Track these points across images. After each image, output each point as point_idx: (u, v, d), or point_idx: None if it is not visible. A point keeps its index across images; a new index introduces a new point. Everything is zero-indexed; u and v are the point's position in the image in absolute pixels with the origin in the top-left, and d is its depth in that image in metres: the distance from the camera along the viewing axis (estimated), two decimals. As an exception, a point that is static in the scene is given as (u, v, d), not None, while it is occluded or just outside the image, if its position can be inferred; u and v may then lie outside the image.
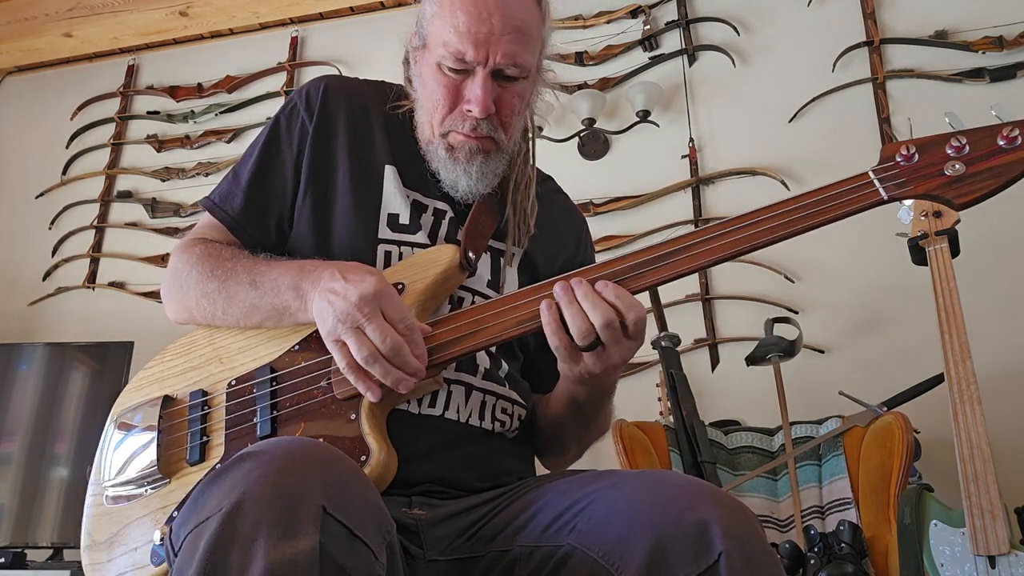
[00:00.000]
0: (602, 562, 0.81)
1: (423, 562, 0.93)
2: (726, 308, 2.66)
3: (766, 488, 2.04)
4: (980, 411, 1.59)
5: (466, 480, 1.03)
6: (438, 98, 1.08)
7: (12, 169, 3.66)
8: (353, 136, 1.15)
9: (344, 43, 3.36)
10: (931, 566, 1.53)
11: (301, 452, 0.75)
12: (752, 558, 0.77)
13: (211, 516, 0.70)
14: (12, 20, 3.48)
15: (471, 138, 1.08)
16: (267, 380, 1.00)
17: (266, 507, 0.69)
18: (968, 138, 0.90)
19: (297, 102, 1.17)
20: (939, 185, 0.89)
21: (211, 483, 0.74)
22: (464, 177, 1.10)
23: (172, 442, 1.01)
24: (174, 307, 1.13)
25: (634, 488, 0.86)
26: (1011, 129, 0.88)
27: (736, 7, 2.96)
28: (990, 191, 0.88)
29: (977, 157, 0.89)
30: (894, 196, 0.91)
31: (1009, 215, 2.42)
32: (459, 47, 1.03)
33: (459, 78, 1.06)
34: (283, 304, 1.00)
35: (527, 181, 1.19)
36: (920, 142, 0.92)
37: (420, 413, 1.02)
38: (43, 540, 2.55)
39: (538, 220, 1.20)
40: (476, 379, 1.07)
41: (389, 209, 1.10)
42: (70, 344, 2.88)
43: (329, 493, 0.71)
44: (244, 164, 1.16)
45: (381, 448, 0.91)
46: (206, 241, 1.13)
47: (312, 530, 0.68)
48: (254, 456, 0.74)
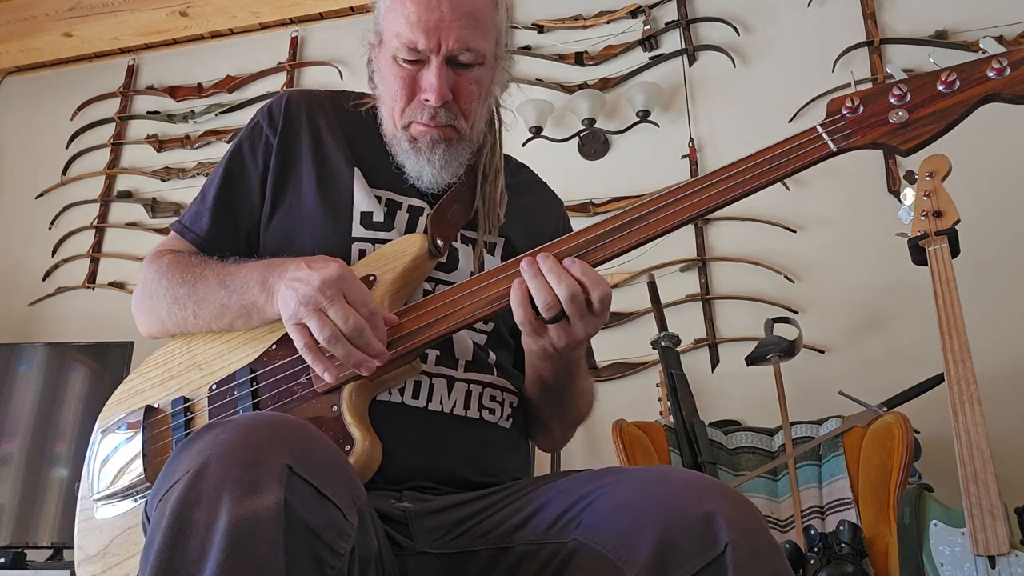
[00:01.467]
0: (609, 556, 0.81)
1: (412, 554, 0.93)
2: (726, 308, 2.66)
3: (766, 488, 2.04)
4: (980, 411, 1.58)
5: (458, 472, 1.03)
6: (396, 90, 1.10)
7: (12, 169, 3.66)
8: (316, 144, 1.16)
9: (344, 43, 3.36)
10: (931, 566, 1.53)
11: (271, 418, 0.77)
12: (758, 550, 0.78)
13: (179, 480, 0.71)
14: (12, 20, 3.49)
15: (430, 127, 1.09)
16: (247, 380, 1.00)
17: (230, 466, 0.69)
18: (909, 86, 0.93)
19: (260, 119, 1.19)
20: (885, 133, 0.92)
21: (180, 451, 0.75)
22: (428, 167, 1.11)
23: (157, 450, 1.02)
24: (145, 319, 1.14)
25: (639, 483, 0.86)
26: (949, 74, 0.91)
27: (736, 7, 2.96)
28: (934, 134, 0.91)
29: (919, 103, 0.92)
30: (843, 147, 0.93)
31: (1009, 215, 2.42)
32: (411, 37, 1.05)
33: (414, 68, 1.08)
34: (251, 300, 1.01)
35: (495, 170, 1.20)
36: (863, 94, 0.95)
37: (403, 403, 1.03)
38: (43, 540, 2.56)
39: (518, 208, 1.21)
40: (458, 372, 1.07)
41: (361, 208, 1.11)
42: (70, 344, 2.88)
43: (296, 453, 0.72)
44: (210, 184, 1.18)
45: (365, 437, 0.92)
46: (173, 251, 1.14)
47: (276, 487, 0.69)
48: (223, 424, 0.76)
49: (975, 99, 0.90)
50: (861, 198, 2.57)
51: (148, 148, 3.49)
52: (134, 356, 2.72)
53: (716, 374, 2.59)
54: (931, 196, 1.86)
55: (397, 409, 1.02)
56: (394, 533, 0.93)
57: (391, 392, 1.02)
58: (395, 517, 0.95)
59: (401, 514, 0.95)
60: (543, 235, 1.20)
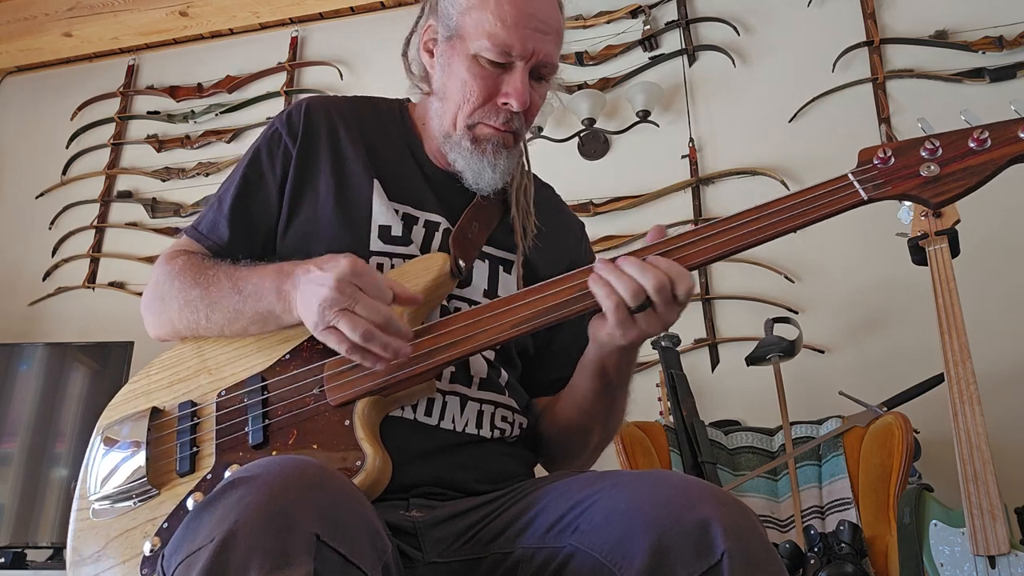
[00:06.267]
0: (604, 562, 0.81)
1: (422, 564, 0.93)
2: (726, 308, 2.66)
3: (766, 488, 2.04)
4: (980, 411, 1.59)
5: (465, 482, 1.03)
6: (472, 89, 1.08)
7: (12, 169, 3.66)
8: (336, 154, 1.14)
9: (344, 43, 3.36)
10: (931, 566, 1.54)
11: (295, 474, 0.74)
12: (754, 557, 0.77)
13: (203, 546, 0.69)
14: (12, 20, 3.48)
15: (501, 131, 1.09)
16: (258, 389, 0.99)
17: (258, 536, 0.68)
18: (941, 141, 0.94)
19: (279, 127, 1.17)
20: (916, 185, 0.93)
21: (204, 509, 0.74)
22: (489, 170, 1.10)
23: (161, 454, 1.00)
24: (155, 321, 1.12)
25: (635, 488, 0.85)
26: (980, 132, 0.93)
27: (736, 7, 2.96)
28: (964, 190, 0.92)
29: (950, 159, 0.93)
30: (873, 197, 0.95)
31: (1009, 216, 2.42)
32: (506, 40, 1.05)
33: (496, 71, 1.07)
34: (267, 308, 0.99)
35: (526, 183, 1.20)
36: (895, 145, 0.96)
37: (416, 419, 1.02)
38: (43, 540, 2.56)
39: (540, 226, 1.20)
40: (471, 390, 1.07)
41: (380, 222, 1.10)
42: (70, 344, 2.88)
43: (323, 519, 0.71)
44: (227, 191, 1.16)
45: (376, 454, 0.91)
46: (188, 253, 1.12)
47: (305, 559, 0.68)
48: (247, 481, 0.73)
49: (1006, 159, 0.91)
50: (861, 198, 2.57)
51: (148, 148, 3.49)
52: (134, 356, 2.71)
53: (716, 374, 2.59)
54: (931, 196, 1.85)
55: (409, 426, 1.01)
56: (404, 546, 0.92)
57: (403, 409, 1.01)
58: (404, 528, 0.94)
59: (410, 525, 0.95)
60: (566, 253, 1.21)
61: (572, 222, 1.31)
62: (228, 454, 0.96)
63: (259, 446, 0.95)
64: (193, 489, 0.95)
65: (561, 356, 1.19)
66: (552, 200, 1.31)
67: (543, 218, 1.22)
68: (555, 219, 1.26)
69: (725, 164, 2.79)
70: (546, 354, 1.20)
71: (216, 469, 0.96)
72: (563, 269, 0.99)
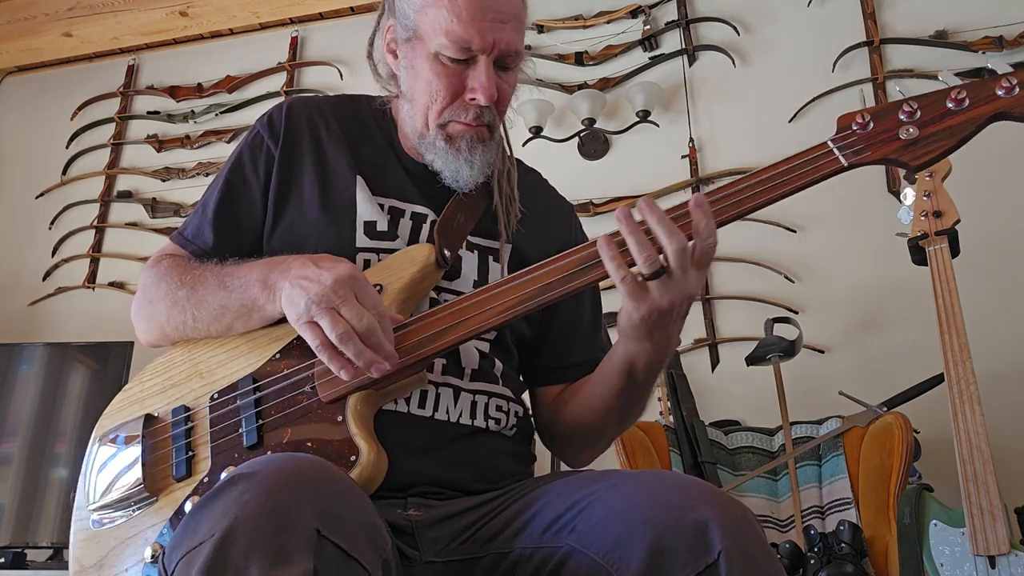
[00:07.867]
0: (602, 562, 0.81)
1: (420, 564, 0.93)
2: (726, 308, 2.66)
3: (766, 488, 2.04)
4: (980, 411, 1.59)
5: (463, 480, 1.02)
6: (437, 89, 1.07)
7: (12, 169, 3.66)
8: (318, 153, 1.14)
9: (344, 43, 3.36)
10: (931, 566, 1.53)
11: (294, 471, 0.74)
12: (752, 557, 0.77)
13: (203, 542, 0.69)
14: (12, 20, 3.48)
15: (472, 127, 1.08)
16: (250, 390, 0.99)
17: (258, 533, 0.68)
18: (919, 103, 0.93)
19: (260, 129, 1.17)
20: (895, 149, 0.92)
21: (204, 506, 0.74)
22: (467, 167, 1.10)
23: (157, 459, 1.00)
24: (144, 326, 1.11)
25: (633, 488, 0.85)
26: (958, 92, 0.92)
27: (736, 7, 2.96)
28: (945, 150, 0.91)
29: (929, 120, 0.92)
30: (854, 163, 0.93)
31: (1009, 215, 2.42)
32: (463, 36, 1.03)
33: (459, 68, 1.06)
34: (251, 298, 0.99)
35: (509, 170, 1.19)
36: (873, 110, 0.95)
37: (409, 412, 1.01)
38: (43, 540, 2.56)
39: (527, 212, 1.19)
40: (464, 382, 1.06)
41: (365, 217, 1.10)
42: (70, 344, 2.88)
43: (323, 514, 0.71)
44: (211, 196, 1.16)
45: (371, 448, 0.90)
46: (174, 256, 1.12)
47: (306, 555, 0.68)
48: (246, 478, 0.73)
49: (984, 116, 0.91)
50: (861, 198, 2.57)
51: (148, 148, 3.49)
52: (134, 356, 2.71)
53: (716, 374, 2.59)
54: (931, 196, 1.86)
55: (403, 419, 1.01)
56: (402, 545, 0.92)
57: (397, 402, 1.01)
58: (402, 528, 0.94)
59: (408, 524, 0.95)
60: (554, 241, 1.19)
61: (562, 204, 1.30)
62: (224, 457, 0.96)
63: (254, 447, 0.95)
64: (191, 493, 0.95)
65: (560, 342, 1.18)
66: (539, 184, 1.30)
67: (529, 203, 1.21)
68: (543, 203, 1.25)
69: (725, 164, 2.78)
70: (545, 341, 1.20)
71: (212, 472, 0.96)
72: (553, 252, 0.97)
